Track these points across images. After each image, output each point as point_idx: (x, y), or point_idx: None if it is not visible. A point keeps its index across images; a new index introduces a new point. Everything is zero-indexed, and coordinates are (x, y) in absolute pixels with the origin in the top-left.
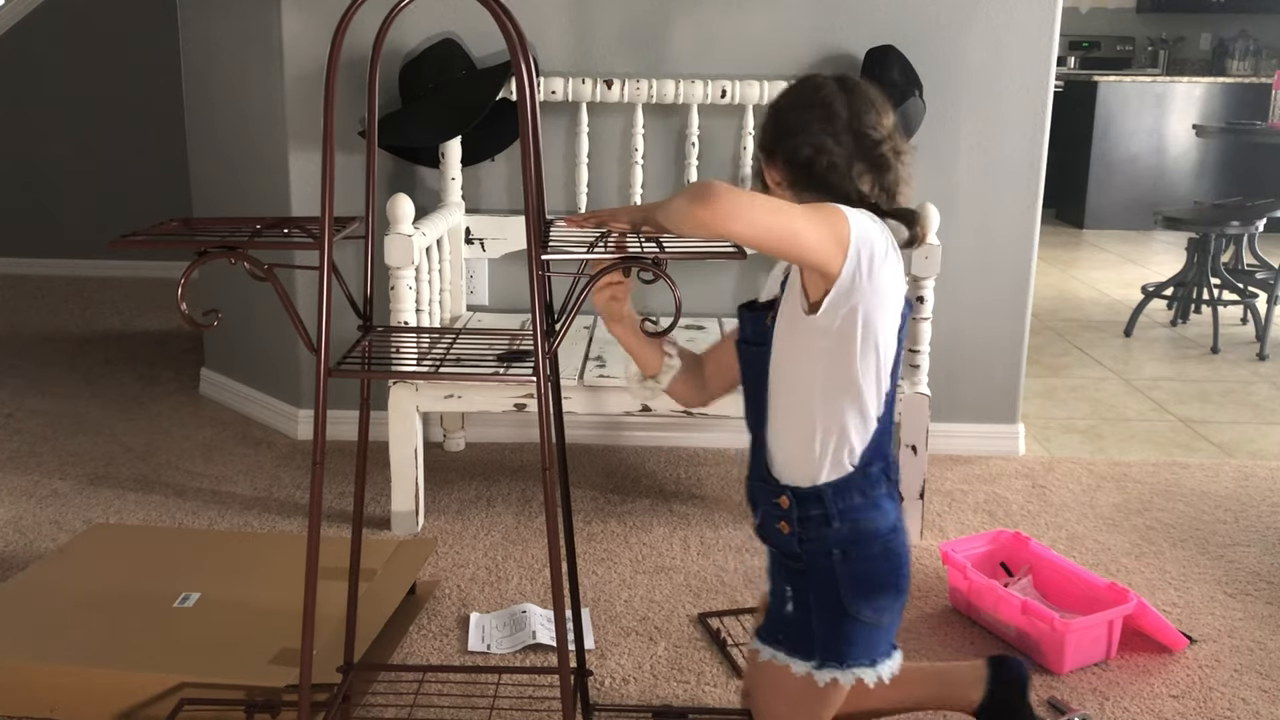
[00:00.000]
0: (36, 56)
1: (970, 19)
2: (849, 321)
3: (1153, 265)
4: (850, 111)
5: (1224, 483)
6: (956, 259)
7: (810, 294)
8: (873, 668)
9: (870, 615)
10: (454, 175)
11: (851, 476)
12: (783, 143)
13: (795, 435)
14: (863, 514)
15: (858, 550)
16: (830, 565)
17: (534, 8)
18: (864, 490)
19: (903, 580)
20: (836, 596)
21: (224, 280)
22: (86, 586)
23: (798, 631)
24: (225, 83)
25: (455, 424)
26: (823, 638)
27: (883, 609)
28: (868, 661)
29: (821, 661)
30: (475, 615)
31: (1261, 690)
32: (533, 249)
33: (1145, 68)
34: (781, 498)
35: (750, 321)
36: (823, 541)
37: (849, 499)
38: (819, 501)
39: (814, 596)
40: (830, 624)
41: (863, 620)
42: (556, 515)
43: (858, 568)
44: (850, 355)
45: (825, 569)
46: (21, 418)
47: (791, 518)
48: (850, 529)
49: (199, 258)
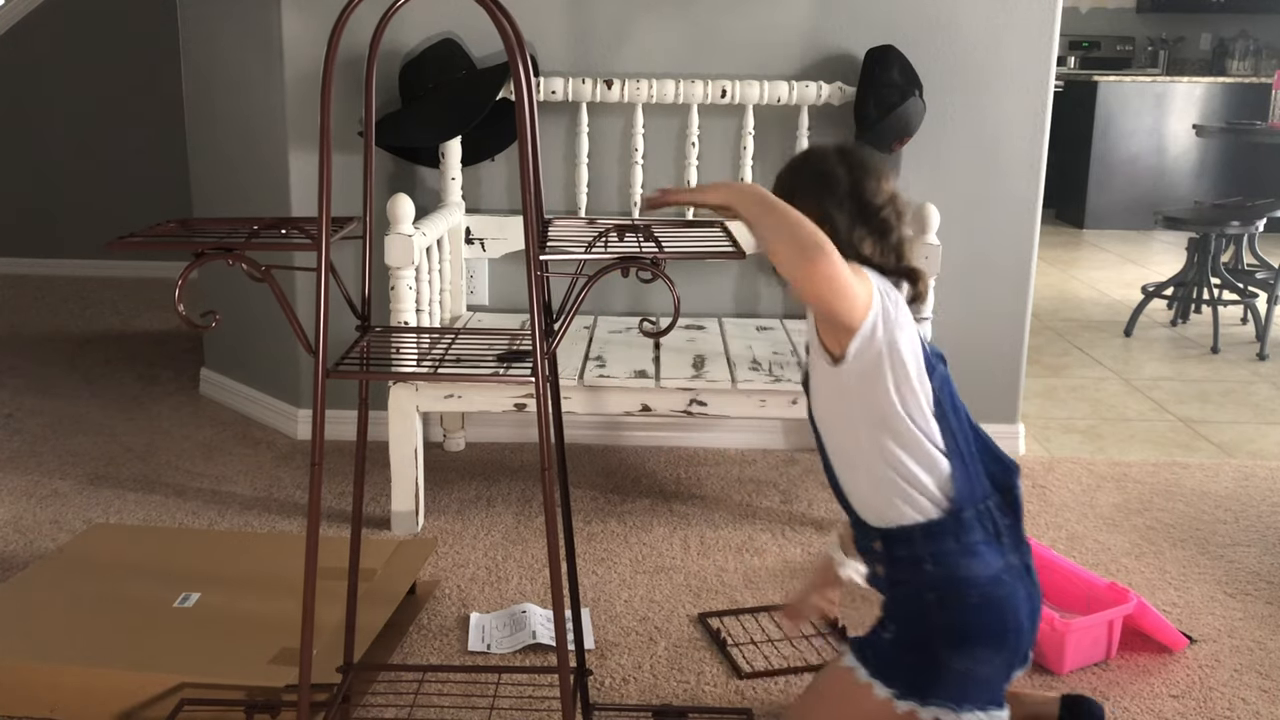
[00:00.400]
0: (36, 57)
1: (970, 19)
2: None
3: (1153, 265)
4: (851, 179)
5: (1224, 483)
6: (956, 259)
7: (831, 347)
8: (956, 713)
9: (962, 664)
10: (454, 175)
11: (943, 521)
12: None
13: (856, 477)
14: (957, 559)
15: (954, 597)
16: (924, 609)
17: (533, 8)
18: (957, 535)
19: (1008, 634)
20: (928, 641)
21: (224, 280)
22: (86, 586)
23: (889, 660)
24: (225, 83)
25: (455, 424)
26: (909, 673)
27: (980, 660)
28: (952, 705)
29: (903, 693)
30: (475, 615)
31: (1261, 690)
32: (531, 249)
33: (1145, 68)
34: (875, 542)
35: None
36: (916, 585)
37: (941, 543)
38: (908, 543)
39: (908, 634)
40: (920, 664)
41: (953, 668)
42: (556, 515)
43: (953, 615)
44: (881, 394)
45: (919, 613)
46: (21, 418)
47: (884, 560)
48: (945, 574)
49: (196, 259)
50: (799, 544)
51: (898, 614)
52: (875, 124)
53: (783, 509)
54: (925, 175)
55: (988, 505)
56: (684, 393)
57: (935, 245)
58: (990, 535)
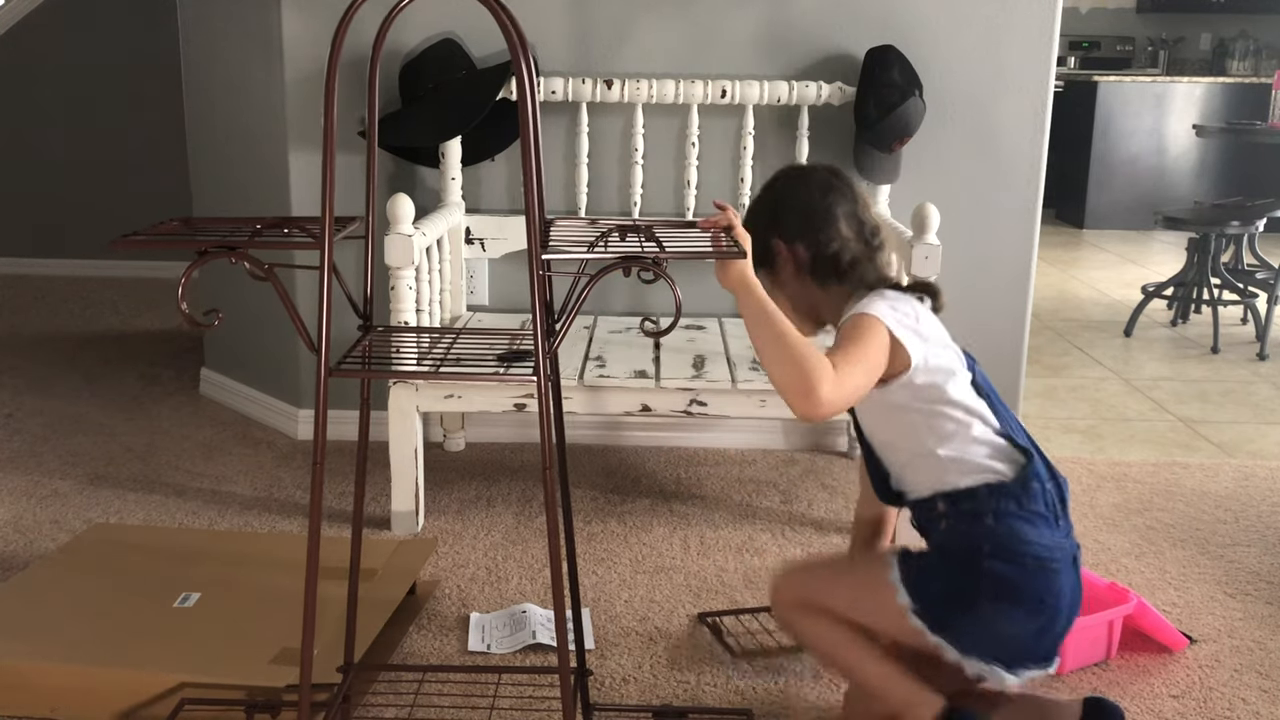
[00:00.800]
0: (36, 57)
1: (970, 19)
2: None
3: (1153, 265)
4: (858, 204)
5: (1224, 483)
6: (956, 259)
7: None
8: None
9: (994, 616)
10: (454, 175)
11: (1009, 484)
12: (807, 236)
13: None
14: (1017, 520)
15: (1009, 552)
16: (978, 557)
17: (534, 8)
18: (1020, 500)
19: (1047, 606)
20: (973, 584)
21: (225, 280)
22: (86, 586)
23: (926, 578)
24: (225, 83)
25: (455, 424)
26: (938, 600)
27: (1013, 620)
28: (959, 647)
29: (921, 611)
30: (475, 615)
31: (1261, 690)
32: (533, 249)
33: (1145, 68)
34: (940, 503)
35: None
36: (975, 536)
37: (1005, 503)
38: (972, 499)
39: (956, 570)
40: (953, 598)
41: (983, 617)
42: (556, 515)
43: (1004, 569)
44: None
45: (972, 559)
46: (22, 417)
47: (947, 515)
48: (1005, 531)
49: (199, 258)
50: (799, 544)
51: (951, 552)
52: (875, 124)
53: (783, 509)
54: (925, 175)
55: (1048, 488)
56: (684, 393)
57: (935, 245)
58: (1050, 514)
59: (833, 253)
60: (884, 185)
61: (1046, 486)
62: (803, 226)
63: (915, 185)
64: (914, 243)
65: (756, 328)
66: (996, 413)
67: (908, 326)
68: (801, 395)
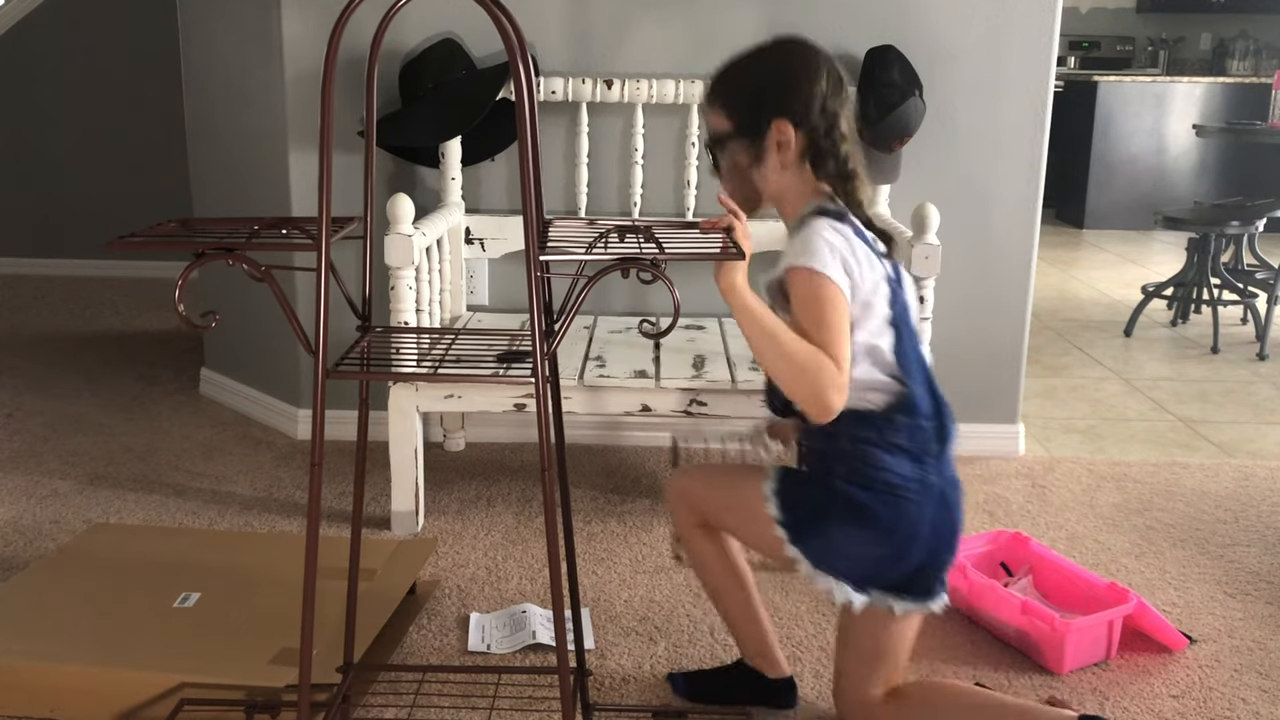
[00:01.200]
0: (36, 57)
1: (970, 19)
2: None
3: (1153, 265)
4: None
5: (1224, 483)
6: (956, 259)
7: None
8: (812, 567)
9: (842, 538)
10: (454, 175)
11: (872, 414)
12: (809, 115)
13: None
14: (872, 449)
15: (860, 478)
16: (832, 480)
17: (534, 8)
18: (880, 430)
19: (896, 535)
20: (827, 503)
21: (224, 280)
22: (86, 586)
23: (793, 491)
24: (225, 83)
25: (455, 424)
26: (799, 512)
27: (859, 543)
28: (812, 560)
29: (784, 521)
30: (475, 615)
31: (1261, 690)
32: (531, 249)
33: (1145, 68)
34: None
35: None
36: (830, 457)
37: (862, 430)
38: (835, 421)
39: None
40: (811, 513)
41: (833, 536)
42: (556, 515)
43: (854, 494)
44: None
45: (827, 482)
46: (21, 418)
47: (814, 434)
48: (858, 456)
49: (197, 259)
50: None
51: (813, 470)
52: (875, 124)
53: None
54: (925, 175)
55: (922, 424)
56: (684, 393)
57: (935, 245)
58: (915, 449)
59: (825, 130)
60: (884, 185)
61: (922, 423)
62: (798, 103)
63: (915, 185)
64: (914, 243)
65: (755, 335)
66: (901, 343)
67: (846, 270)
68: (818, 410)
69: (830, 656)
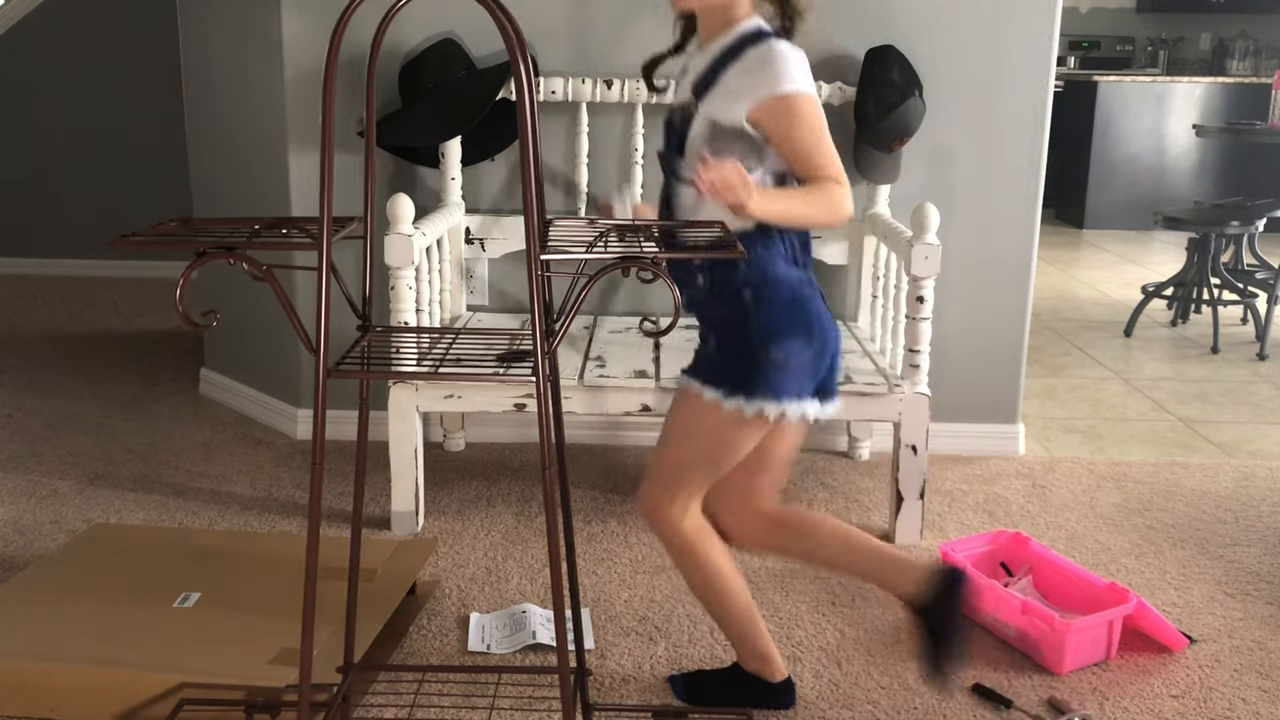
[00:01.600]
0: (37, 57)
1: (970, 19)
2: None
3: (1153, 265)
4: None
5: (1224, 483)
6: (956, 259)
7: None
8: (778, 403)
9: (777, 356)
10: (454, 175)
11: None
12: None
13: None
14: (766, 262)
15: (767, 291)
16: (743, 309)
17: (534, 8)
18: (765, 243)
19: (815, 328)
20: (747, 334)
21: (225, 280)
22: (86, 586)
23: (713, 365)
24: (225, 82)
25: (455, 424)
26: (733, 372)
27: (792, 352)
28: (773, 397)
29: (729, 391)
30: (475, 615)
31: (1261, 690)
32: (532, 249)
33: (1145, 68)
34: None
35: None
36: (735, 285)
37: (752, 247)
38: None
39: (729, 336)
40: (740, 360)
41: (771, 359)
42: (556, 515)
43: (768, 310)
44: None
45: (738, 309)
46: (22, 418)
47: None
48: (759, 272)
49: (198, 258)
50: None
51: (718, 323)
52: (875, 124)
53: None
54: (925, 175)
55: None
56: None
57: (935, 245)
58: (789, 256)
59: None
60: (884, 185)
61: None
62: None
63: (915, 185)
64: (914, 243)
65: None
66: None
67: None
68: (841, 223)
69: (831, 657)
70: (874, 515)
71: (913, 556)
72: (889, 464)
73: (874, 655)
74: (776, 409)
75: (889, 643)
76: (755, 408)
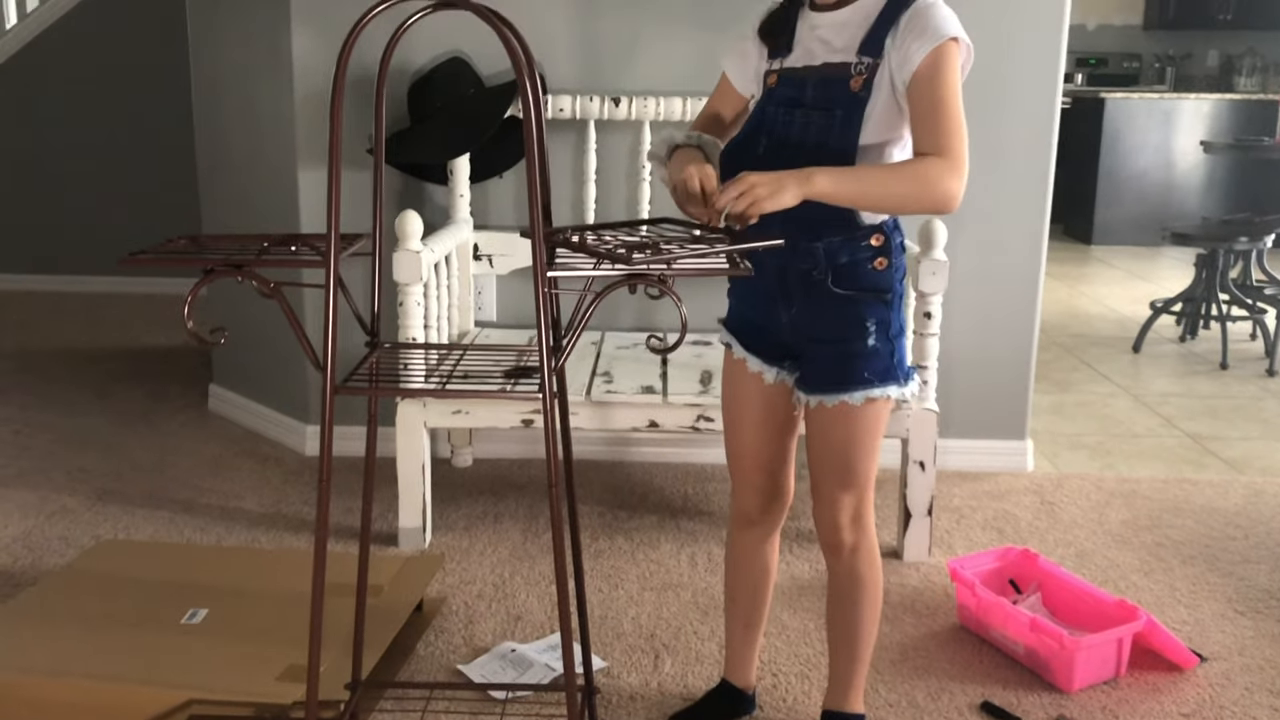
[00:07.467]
0: (46, 74)
1: (976, 35)
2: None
3: (1161, 281)
4: None
5: (1234, 499)
6: (964, 274)
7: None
8: (902, 386)
9: (903, 347)
10: (462, 192)
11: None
12: None
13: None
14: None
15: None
16: (902, 291)
17: (542, 26)
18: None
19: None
20: (892, 332)
21: (234, 296)
22: (95, 602)
23: (884, 363)
24: (235, 100)
25: (463, 440)
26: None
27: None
28: (903, 379)
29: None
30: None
31: (1273, 709)
32: (539, 266)
33: (1152, 84)
34: (874, 236)
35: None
36: (900, 269)
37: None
38: (898, 230)
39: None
40: (891, 353)
41: (903, 349)
42: (563, 532)
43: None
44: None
45: (899, 295)
46: (30, 433)
47: (884, 251)
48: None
49: (206, 275)
50: (806, 560)
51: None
52: None
53: (789, 525)
54: None
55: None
56: (691, 408)
57: (943, 261)
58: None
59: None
60: None
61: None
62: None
63: None
64: (922, 258)
65: (864, 202)
66: None
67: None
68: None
69: None
70: (882, 532)
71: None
72: (897, 480)
73: (881, 673)
74: (915, 384)
75: (896, 660)
76: (897, 393)
